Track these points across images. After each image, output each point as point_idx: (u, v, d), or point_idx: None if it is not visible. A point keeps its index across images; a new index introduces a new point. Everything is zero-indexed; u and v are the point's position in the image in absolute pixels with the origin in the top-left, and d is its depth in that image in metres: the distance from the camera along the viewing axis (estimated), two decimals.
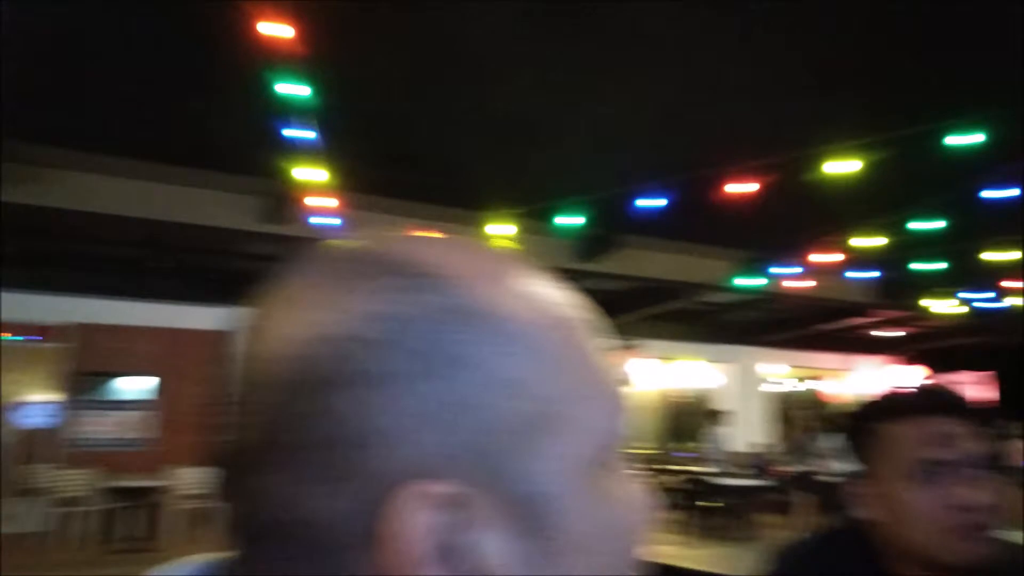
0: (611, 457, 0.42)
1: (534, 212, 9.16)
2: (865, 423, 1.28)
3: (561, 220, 9.04)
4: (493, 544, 0.37)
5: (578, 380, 0.41)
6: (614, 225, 10.18)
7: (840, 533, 1.34)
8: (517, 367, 0.39)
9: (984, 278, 10.67)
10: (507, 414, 0.38)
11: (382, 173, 7.30)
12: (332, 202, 7.46)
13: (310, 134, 6.27)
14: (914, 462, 1.18)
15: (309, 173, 6.83)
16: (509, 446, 0.38)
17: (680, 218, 9.03)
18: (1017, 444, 11.42)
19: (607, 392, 0.43)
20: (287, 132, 6.37)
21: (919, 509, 1.17)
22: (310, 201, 7.53)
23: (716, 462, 11.82)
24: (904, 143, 6.38)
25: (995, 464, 1.18)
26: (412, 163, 7.42)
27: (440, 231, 0.46)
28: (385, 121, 6.80)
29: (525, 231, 9.43)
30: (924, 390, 1.27)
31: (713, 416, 12.54)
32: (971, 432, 1.19)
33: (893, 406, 1.25)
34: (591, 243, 10.59)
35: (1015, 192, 7.19)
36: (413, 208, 8.54)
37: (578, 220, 8.80)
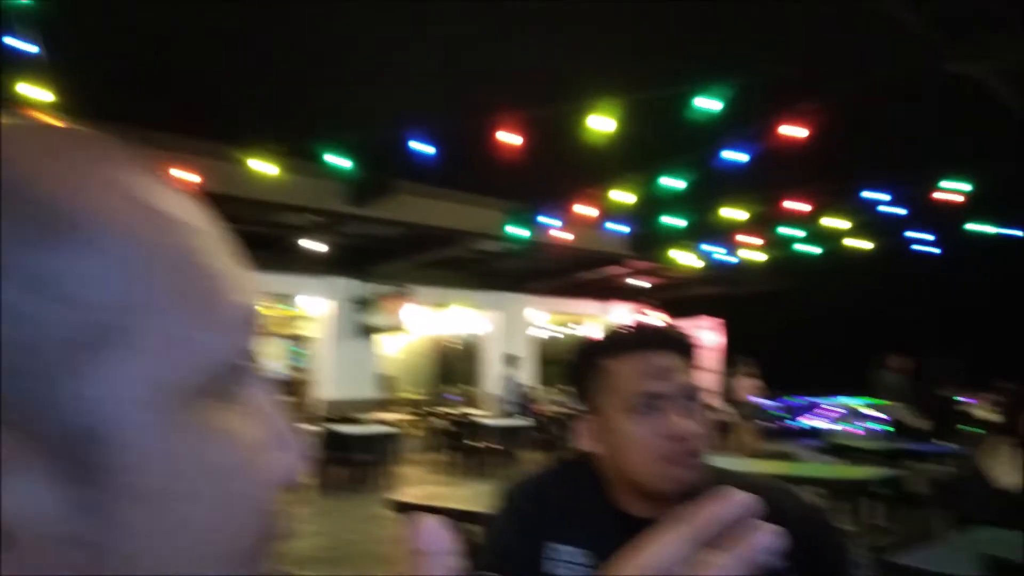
0: (226, 385, 0.35)
1: (301, 151, 8.76)
2: (589, 359, 1.33)
3: (331, 160, 8.73)
4: (28, 491, 0.30)
5: (173, 289, 0.33)
6: (387, 170, 10.02)
7: (569, 466, 1.39)
8: (73, 268, 0.30)
9: (720, 234, 11.87)
10: (54, 326, 0.30)
11: (125, 98, 6.56)
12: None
13: (32, 47, 5.45)
14: (634, 395, 1.24)
15: (33, 92, 5.96)
16: (52, 367, 0.30)
17: (453, 166, 9.08)
18: (743, 381, 13.00)
19: (217, 307, 0.35)
20: (7, 40, 5.50)
21: (637, 439, 1.23)
22: None
23: (510, 404, 12.35)
24: (656, 104, 6.84)
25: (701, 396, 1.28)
26: (162, 89, 6.75)
27: (194, 166, 0.35)
28: (129, 38, 6.09)
29: (292, 171, 9.00)
30: (642, 328, 1.34)
31: (511, 361, 13.05)
32: (684, 366, 1.28)
33: (614, 343, 1.31)
34: (364, 187, 10.36)
35: (746, 157, 8.02)
36: (163, 140, 7.80)
37: (346, 162, 8.54)
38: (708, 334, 15.44)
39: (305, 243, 11.88)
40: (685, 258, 12.86)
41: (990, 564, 1.93)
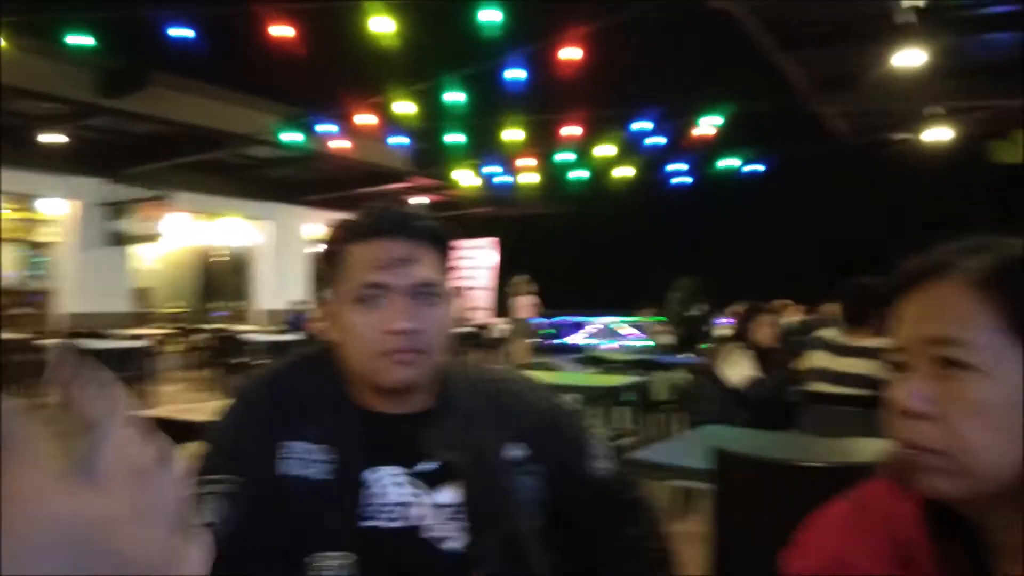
0: None
1: (39, 27, 7.58)
2: (330, 245, 1.23)
3: (74, 41, 7.60)
4: None
5: None
6: (143, 58, 8.98)
7: (308, 360, 1.29)
8: None
9: (500, 155, 12.03)
10: None
11: None
12: None
13: None
14: (359, 284, 1.16)
15: None
16: None
17: (220, 60, 8.32)
18: (522, 300, 13.49)
19: None
20: None
21: (358, 332, 1.16)
22: None
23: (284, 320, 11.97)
24: (439, 11, 6.65)
25: (437, 292, 1.20)
26: None
27: None
28: None
29: (28, 50, 7.78)
30: (381, 212, 1.25)
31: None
32: (424, 257, 1.20)
33: (353, 227, 1.21)
34: (115, 76, 9.23)
35: (524, 74, 8.09)
36: None
37: (89, 40, 7.48)
38: (484, 253, 15.79)
39: (45, 137, 10.44)
40: (466, 178, 12.92)
41: (714, 455, 2.10)
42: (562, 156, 11.66)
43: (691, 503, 4.08)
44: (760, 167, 11.79)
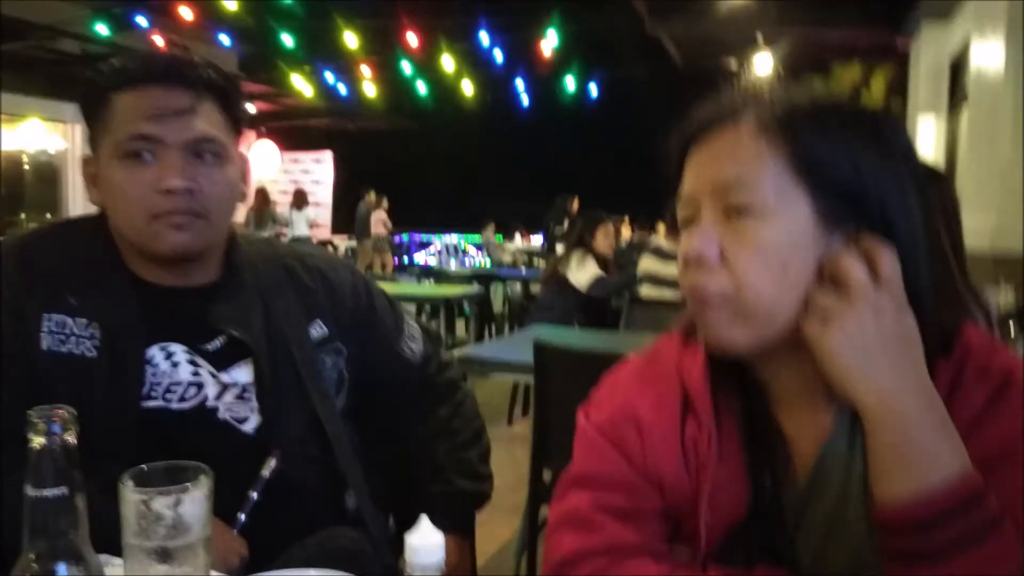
0: None
1: None
2: (90, 93, 1.08)
3: None
4: None
5: None
6: None
7: (75, 224, 1.16)
8: None
9: (337, 62, 11.44)
10: None
11: None
12: None
13: None
14: (127, 137, 1.03)
15: None
16: None
17: None
18: (377, 215, 13.16)
19: None
20: None
21: (124, 191, 1.04)
22: None
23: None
24: None
25: (213, 151, 1.08)
26: None
27: None
28: None
29: None
30: (152, 55, 1.11)
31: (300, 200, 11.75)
32: (205, 110, 1.07)
33: (118, 72, 1.07)
34: None
35: None
36: None
37: None
38: (322, 167, 15.21)
39: None
40: (301, 85, 12.23)
41: (537, 348, 2.15)
42: (405, 67, 11.27)
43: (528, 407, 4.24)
44: (596, 88, 11.97)
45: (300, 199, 12.14)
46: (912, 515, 0.64)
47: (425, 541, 0.66)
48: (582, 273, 4.36)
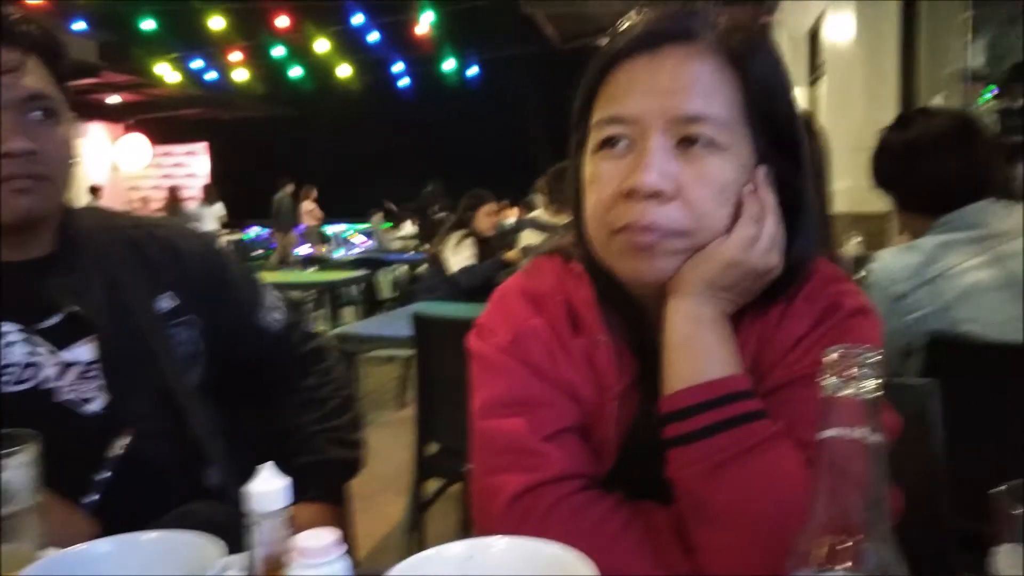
0: None
1: None
2: None
3: None
4: None
5: None
6: None
7: None
8: None
9: (207, 48, 10.95)
10: None
11: None
12: None
13: None
14: None
15: None
16: None
17: None
18: (309, 204, 12.59)
19: None
20: None
21: None
22: None
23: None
24: None
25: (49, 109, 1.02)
26: None
27: None
28: None
29: None
30: None
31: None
32: (26, 67, 1.00)
33: None
34: None
35: None
36: None
37: None
38: (196, 159, 14.55)
39: None
40: (168, 74, 11.64)
41: (416, 320, 2.14)
42: (277, 52, 10.90)
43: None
44: (476, 69, 11.96)
45: (210, 194, 11.85)
46: (681, 400, 0.69)
47: (267, 487, 0.64)
48: (456, 257, 4.37)
